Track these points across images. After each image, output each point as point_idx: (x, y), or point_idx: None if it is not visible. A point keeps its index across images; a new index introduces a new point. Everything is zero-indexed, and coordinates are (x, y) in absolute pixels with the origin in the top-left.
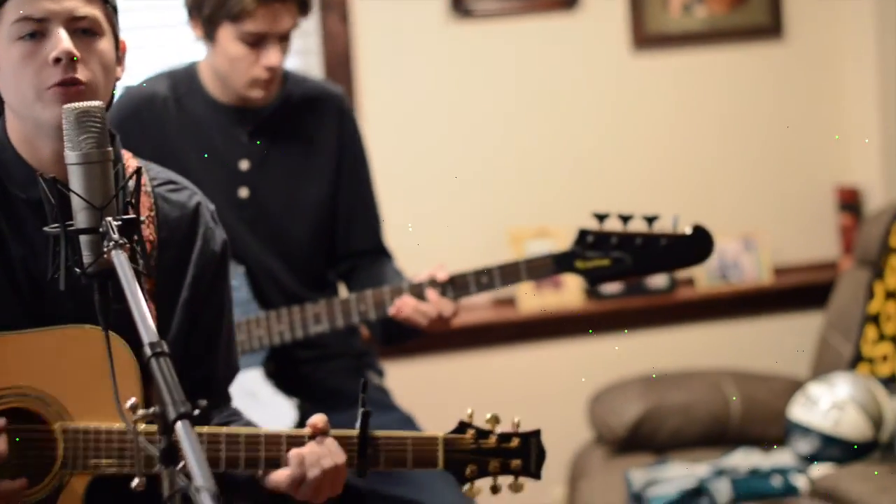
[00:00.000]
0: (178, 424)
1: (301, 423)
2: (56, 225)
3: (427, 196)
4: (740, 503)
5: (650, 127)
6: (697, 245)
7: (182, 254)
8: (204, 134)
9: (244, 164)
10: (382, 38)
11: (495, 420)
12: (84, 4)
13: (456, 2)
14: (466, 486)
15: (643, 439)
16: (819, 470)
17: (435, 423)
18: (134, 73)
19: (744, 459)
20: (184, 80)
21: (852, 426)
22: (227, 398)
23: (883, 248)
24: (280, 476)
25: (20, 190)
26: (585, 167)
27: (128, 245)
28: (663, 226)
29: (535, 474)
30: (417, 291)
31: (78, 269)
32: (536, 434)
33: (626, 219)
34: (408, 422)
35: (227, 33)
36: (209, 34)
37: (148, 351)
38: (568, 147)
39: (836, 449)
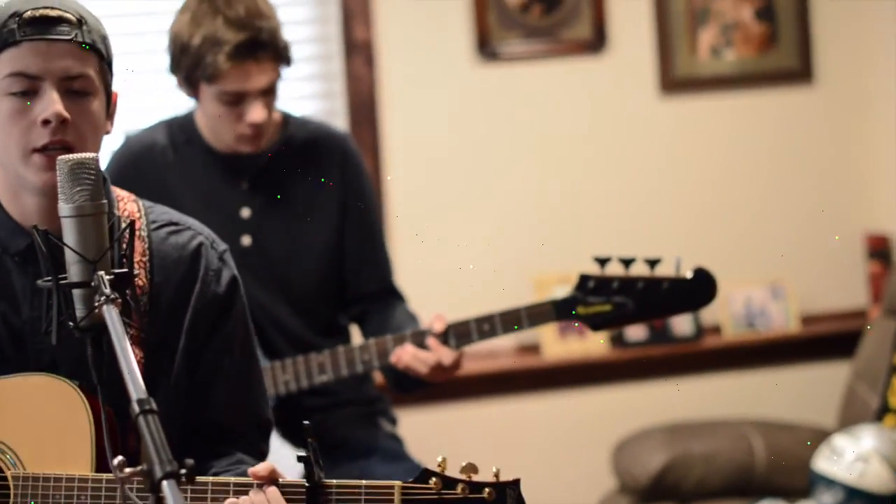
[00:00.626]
0: (164, 483)
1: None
2: (49, 278)
3: (451, 240)
4: None
5: (677, 171)
6: (700, 288)
7: (179, 296)
8: (204, 182)
9: (245, 212)
10: (408, 81)
11: (471, 469)
12: (79, 63)
13: (482, 44)
14: None
15: (667, 489)
16: None
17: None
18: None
19: None
20: (182, 128)
21: (876, 479)
22: (247, 448)
23: None
24: None
25: (2, 243)
26: (611, 211)
27: (119, 300)
28: (666, 269)
29: None
30: (419, 340)
31: (71, 324)
32: (514, 484)
33: (627, 262)
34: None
35: (206, 94)
36: (191, 93)
37: (136, 408)
38: (594, 191)
39: (859, 501)
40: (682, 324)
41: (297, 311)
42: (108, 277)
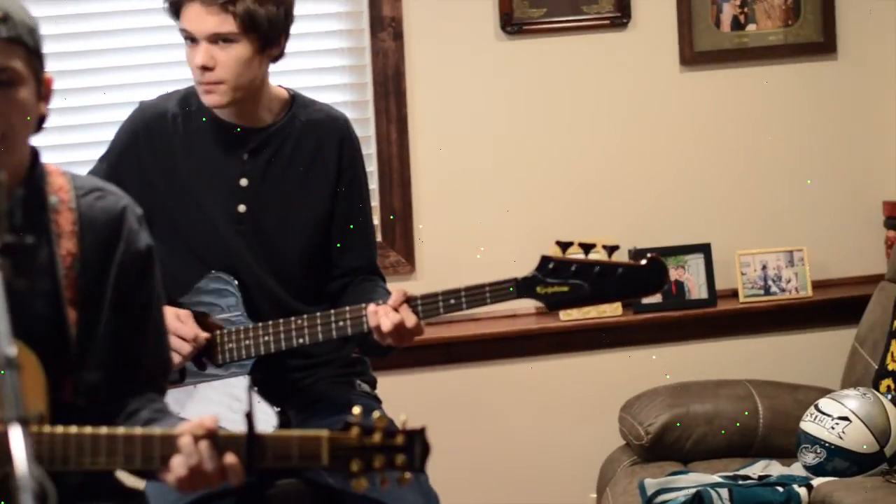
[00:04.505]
0: (10, 428)
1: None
2: None
3: (474, 211)
4: None
5: (699, 143)
6: (652, 275)
7: (106, 256)
8: (207, 151)
9: (244, 181)
10: (433, 55)
11: (382, 419)
12: (3, 57)
13: (506, 19)
14: (353, 482)
15: (668, 448)
16: (823, 482)
17: (471, 430)
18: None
19: (761, 470)
20: (194, 97)
21: (857, 440)
22: (157, 388)
23: None
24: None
25: None
26: (634, 181)
27: (5, 265)
28: (622, 255)
29: (420, 469)
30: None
31: None
32: (421, 431)
33: (587, 248)
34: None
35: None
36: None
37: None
38: (617, 163)
39: (841, 461)
40: (697, 288)
41: (283, 279)
42: None
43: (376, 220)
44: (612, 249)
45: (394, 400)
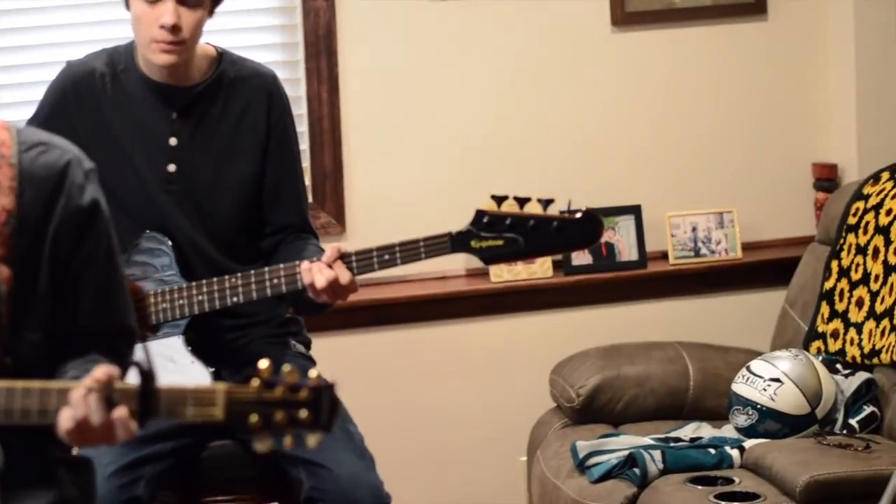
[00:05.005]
0: None
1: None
2: None
3: (405, 172)
4: (671, 474)
5: (630, 104)
6: (586, 228)
7: (46, 211)
8: (136, 110)
9: (173, 141)
10: (364, 14)
11: (293, 374)
12: None
13: None
14: (256, 439)
15: (599, 410)
16: (755, 443)
17: (401, 391)
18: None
19: (692, 432)
20: (122, 56)
21: (789, 401)
22: (106, 351)
23: (841, 226)
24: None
25: None
26: (565, 142)
27: None
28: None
29: (327, 427)
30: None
31: None
32: (329, 386)
33: (522, 202)
34: None
35: None
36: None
37: None
38: (548, 123)
39: (773, 423)
40: (627, 250)
41: (216, 238)
42: None
43: (308, 182)
44: (546, 203)
45: (323, 361)
